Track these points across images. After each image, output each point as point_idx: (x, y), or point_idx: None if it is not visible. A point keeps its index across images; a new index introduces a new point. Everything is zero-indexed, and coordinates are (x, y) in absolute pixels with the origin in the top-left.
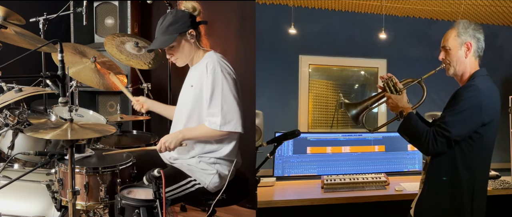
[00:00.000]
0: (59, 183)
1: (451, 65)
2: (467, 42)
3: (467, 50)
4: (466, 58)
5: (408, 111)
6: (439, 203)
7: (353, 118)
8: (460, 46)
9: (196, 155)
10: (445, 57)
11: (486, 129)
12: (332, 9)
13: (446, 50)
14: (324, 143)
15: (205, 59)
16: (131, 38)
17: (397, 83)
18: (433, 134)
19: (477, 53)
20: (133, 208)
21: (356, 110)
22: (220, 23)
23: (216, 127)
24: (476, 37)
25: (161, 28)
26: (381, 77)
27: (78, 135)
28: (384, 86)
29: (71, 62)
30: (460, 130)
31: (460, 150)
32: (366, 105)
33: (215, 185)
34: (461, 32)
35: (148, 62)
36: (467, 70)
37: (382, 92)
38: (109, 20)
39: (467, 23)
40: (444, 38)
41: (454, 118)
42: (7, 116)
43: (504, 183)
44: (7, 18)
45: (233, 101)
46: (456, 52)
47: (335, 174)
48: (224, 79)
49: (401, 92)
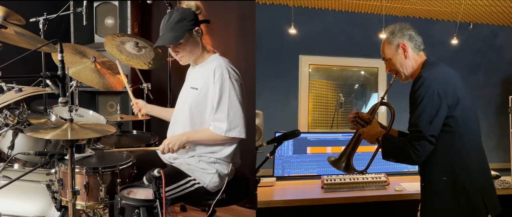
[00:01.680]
0: (59, 183)
1: (399, 72)
2: (400, 43)
3: (404, 51)
4: (407, 58)
5: (382, 135)
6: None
7: (344, 169)
8: (395, 50)
9: (195, 154)
10: (390, 67)
11: (456, 110)
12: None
13: (387, 60)
14: (324, 143)
15: (212, 62)
16: (131, 38)
17: (363, 115)
18: (409, 142)
19: (417, 48)
20: (133, 208)
21: (344, 162)
22: (220, 23)
23: (221, 133)
24: (407, 35)
25: (169, 24)
26: (348, 119)
27: (78, 135)
28: (355, 125)
29: (71, 62)
30: (429, 124)
31: (444, 143)
32: (349, 153)
33: (215, 185)
34: (390, 38)
35: (148, 62)
36: (415, 68)
37: (356, 132)
38: (109, 20)
39: (392, 27)
40: (381, 51)
41: (417, 116)
42: (7, 116)
43: (504, 183)
44: (7, 18)
45: (239, 108)
46: (395, 58)
47: (335, 174)
48: (231, 86)
49: (371, 121)
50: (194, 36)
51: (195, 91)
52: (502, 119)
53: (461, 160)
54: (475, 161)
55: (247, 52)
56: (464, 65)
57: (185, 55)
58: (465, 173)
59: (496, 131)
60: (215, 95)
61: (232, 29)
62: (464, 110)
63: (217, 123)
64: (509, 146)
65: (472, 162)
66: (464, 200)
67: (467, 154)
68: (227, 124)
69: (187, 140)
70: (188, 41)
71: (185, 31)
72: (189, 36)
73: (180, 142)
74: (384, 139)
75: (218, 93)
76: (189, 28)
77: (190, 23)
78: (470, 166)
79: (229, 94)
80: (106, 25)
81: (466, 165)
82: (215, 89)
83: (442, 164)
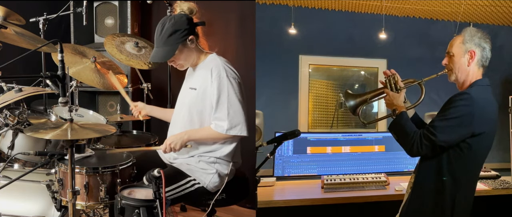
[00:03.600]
0: (59, 183)
1: (453, 72)
2: (471, 50)
3: (470, 58)
4: (468, 66)
5: (401, 110)
6: (422, 209)
7: (351, 108)
8: (463, 53)
9: (195, 154)
10: (448, 62)
11: (476, 140)
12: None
13: (450, 56)
14: (324, 143)
15: (209, 62)
16: (131, 38)
17: (398, 81)
18: (420, 136)
19: (481, 62)
20: (133, 208)
21: (355, 101)
22: (220, 23)
23: (222, 131)
24: (482, 46)
25: (161, 38)
26: (385, 73)
27: (78, 135)
28: (386, 82)
29: (71, 62)
30: (446, 137)
31: (447, 158)
32: (365, 98)
33: (215, 185)
34: (467, 39)
35: (148, 62)
36: (468, 79)
37: (382, 88)
38: (109, 20)
39: (474, 31)
40: (450, 44)
41: (442, 124)
42: (7, 116)
43: (504, 183)
44: (7, 18)
45: (239, 106)
46: (459, 59)
47: (335, 174)
48: (229, 84)
49: (400, 91)
50: (189, 46)
51: (193, 91)
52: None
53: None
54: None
55: (247, 52)
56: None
57: (181, 63)
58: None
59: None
60: (213, 94)
61: (232, 29)
62: (482, 142)
63: (218, 122)
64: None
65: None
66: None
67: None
68: (228, 123)
69: (188, 138)
70: (182, 51)
71: (178, 44)
72: (182, 47)
73: (182, 141)
74: (400, 115)
75: (217, 93)
76: (182, 40)
77: (183, 34)
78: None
79: (227, 93)
80: (106, 25)
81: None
82: (213, 89)
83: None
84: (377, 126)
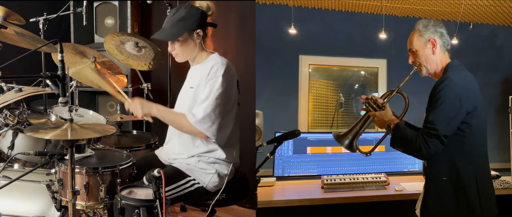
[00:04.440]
0: (59, 183)
1: (422, 66)
2: (431, 39)
3: (433, 47)
4: (434, 54)
5: (395, 123)
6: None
7: (347, 147)
8: (425, 44)
9: (195, 154)
10: (414, 59)
11: (472, 117)
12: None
13: (413, 52)
14: (324, 143)
15: (210, 61)
16: (131, 37)
17: (376, 100)
18: (422, 137)
19: (444, 47)
20: (133, 208)
21: (348, 139)
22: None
23: (193, 120)
24: (439, 32)
25: (172, 20)
26: (361, 99)
27: (78, 135)
28: (366, 107)
29: (71, 62)
30: (446, 125)
31: (454, 145)
32: (356, 131)
33: (215, 185)
34: (422, 31)
35: (148, 62)
36: (439, 66)
37: (366, 113)
38: (109, 20)
39: (426, 21)
40: (409, 41)
41: (436, 115)
42: (7, 116)
43: (504, 183)
44: (7, 18)
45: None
46: (423, 52)
47: (335, 174)
48: (225, 83)
49: (384, 106)
50: (194, 38)
51: (192, 90)
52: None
53: (467, 163)
54: (480, 166)
55: (247, 52)
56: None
57: (180, 53)
58: (468, 176)
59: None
60: (205, 89)
61: (232, 29)
62: (478, 117)
63: (195, 110)
64: (509, 146)
65: (477, 167)
66: (463, 201)
67: (472, 159)
68: (202, 116)
69: (157, 112)
70: (185, 40)
71: (185, 30)
72: (187, 36)
73: (149, 110)
74: (396, 127)
75: (208, 89)
76: (190, 28)
77: (193, 24)
78: (474, 170)
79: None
80: (106, 25)
81: (470, 169)
82: (206, 85)
83: (448, 165)
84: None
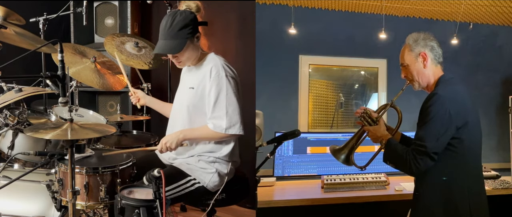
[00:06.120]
0: (59, 183)
1: (414, 80)
2: (421, 52)
3: (424, 60)
4: (425, 68)
5: (387, 139)
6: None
7: (343, 161)
8: (415, 58)
9: (195, 154)
10: (406, 74)
11: (462, 132)
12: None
13: (405, 66)
14: (324, 143)
15: (208, 62)
16: (131, 38)
17: (371, 114)
18: (412, 154)
19: (436, 60)
20: (133, 208)
21: (345, 154)
22: (220, 23)
23: (221, 130)
24: (429, 46)
25: (171, 30)
26: (356, 113)
27: (78, 135)
28: (361, 121)
29: (71, 62)
30: (435, 142)
31: (445, 160)
32: (351, 146)
33: (215, 184)
34: (413, 45)
35: (148, 62)
36: (431, 79)
37: (362, 128)
38: (109, 20)
39: (416, 35)
40: (400, 56)
41: (425, 132)
42: (7, 116)
43: (504, 183)
44: (7, 18)
45: (237, 105)
46: (414, 66)
47: (335, 174)
48: (228, 84)
49: (378, 121)
50: (194, 42)
51: (192, 91)
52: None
53: (459, 179)
54: (472, 182)
55: (247, 52)
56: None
57: (183, 60)
58: (460, 193)
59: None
60: (212, 93)
61: (232, 29)
62: (470, 132)
63: (216, 121)
64: (509, 146)
65: (469, 182)
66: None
67: (465, 175)
68: (227, 122)
69: (184, 137)
70: (188, 48)
71: (187, 39)
72: (189, 43)
73: (177, 139)
74: (388, 143)
75: (215, 91)
76: (190, 36)
77: (193, 30)
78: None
79: (226, 92)
80: (106, 25)
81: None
82: (211, 88)
83: (440, 180)
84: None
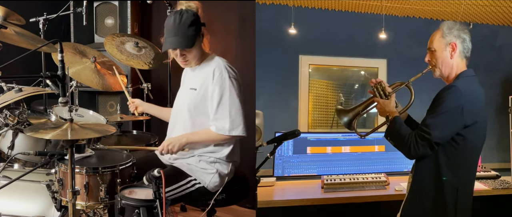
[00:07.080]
0: (59, 183)
1: (436, 67)
2: (452, 42)
3: (452, 51)
4: (451, 58)
5: (394, 116)
6: (423, 207)
7: (345, 124)
8: (445, 47)
9: (195, 154)
10: (431, 58)
11: (469, 131)
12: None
13: (432, 51)
14: (324, 143)
15: (210, 63)
16: (131, 38)
17: (385, 87)
18: (415, 137)
19: (463, 54)
20: (133, 208)
21: (348, 117)
22: (220, 23)
23: (224, 132)
24: (462, 37)
25: (182, 26)
26: (371, 82)
27: (78, 135)
28: (373, 91)
29: (71, 62)
30: (440, 133)
31: (444, 152)
32: (357, 111)
33: (215, 185)
34: (446, 33)
35: (148, 62)
36: (453, 71)
37: (372, 97)
38: (109, 20)
39: (452, 24)
40: (430, 40)
41: (434, 121)
42: (7, 116)
43: (504, 183)
44: (7, 18)
45: (239, 107)
46: (441, 53)
47: (335, 174)
48: (231, 85)
49: (390, 96)
50: (201, 40)
51: (194, 92)
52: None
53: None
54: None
55: (247, 52)
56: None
57: (190, 59)
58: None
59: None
60: (215, 94)
61: (232, 29)
62: (475, 133)
63: (219, 123)
64: (509, 146)
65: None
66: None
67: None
68: (230, 123)
69: (186, 141)
70: (196, 45)
71: (197, 35)
72: (198, 41)
73: (180, 143)
74: (393, 120)
75: (219, 93)
76: (198, 33)
77: (199, 27)
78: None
79: (229, 93)
80: (106, 25)
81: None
82: (215, 89)
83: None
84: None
